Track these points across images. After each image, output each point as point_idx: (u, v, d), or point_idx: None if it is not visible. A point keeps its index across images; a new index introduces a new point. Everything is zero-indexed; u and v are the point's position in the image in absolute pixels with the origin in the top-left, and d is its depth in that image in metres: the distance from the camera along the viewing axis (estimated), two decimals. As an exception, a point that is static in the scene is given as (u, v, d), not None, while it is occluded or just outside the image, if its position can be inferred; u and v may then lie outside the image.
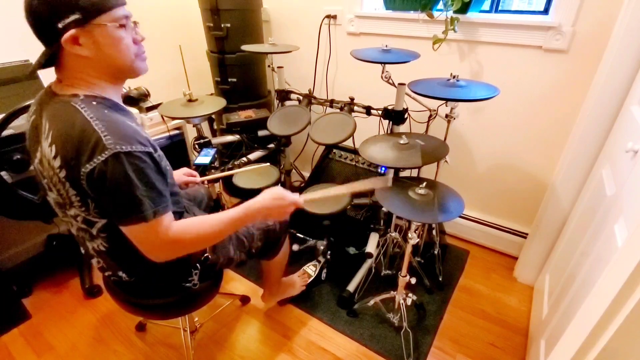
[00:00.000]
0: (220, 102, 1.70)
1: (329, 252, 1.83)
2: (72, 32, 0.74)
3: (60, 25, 0.73)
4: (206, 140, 1.75)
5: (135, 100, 1.79)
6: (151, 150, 0.81)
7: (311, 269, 1.79)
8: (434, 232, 1.82)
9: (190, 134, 2.08)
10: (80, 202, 0.81)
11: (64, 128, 0.76)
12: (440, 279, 1.77)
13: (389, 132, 1.67)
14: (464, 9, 1.59)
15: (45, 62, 0.79)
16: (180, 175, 1.34)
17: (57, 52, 0.78)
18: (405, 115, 1.61)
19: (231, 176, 1.77)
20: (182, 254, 0.93)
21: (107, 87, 0.85)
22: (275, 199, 1.00)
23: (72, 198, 0.81)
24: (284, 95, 1.90)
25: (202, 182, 1.41)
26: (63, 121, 0.77)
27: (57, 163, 0.78)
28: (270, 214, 1.00)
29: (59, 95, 0.81)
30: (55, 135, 0.77)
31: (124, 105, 0.88)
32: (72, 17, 0.73)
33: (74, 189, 0.79)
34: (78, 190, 0.79)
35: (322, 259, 1.81)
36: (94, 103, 0.79)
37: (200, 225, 0.91)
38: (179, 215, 1.00)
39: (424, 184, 1.23)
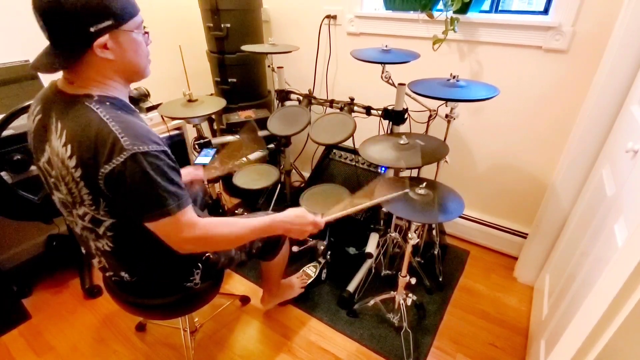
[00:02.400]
0: (220, 102, 1.70)
1: (328, 252, 1.83)
2: (105, 37, 0.76)
3: (92, 30, 0.74)
4: (206, 140, 1.75)
5: (135, 100, 1.79)
6: (165, 148, 0.82)
7: (311, 269, 1.79)
8: (434, 232, 1.82)
9: (190, 134, 2.08)
10: (92, 200, 0.82)
11: (79, 128, 0.77)
12: (440, 279, 1.77)
13: (389, 132, 1.67)
14: (463, 9, 1.59)
15: (64, 63, 0.79)
16: (185, 174, 1.35)
17: (80, 54, 0.78)
18: (405, 116, 1.61)
19: (231, 174, 1.77)
20: (205, 250, 0.97)
21: (120, 88, 0.86)
22: (297, 217, 1.06)
23: (84, 197, 0.82)
24: (284, 95, 1.90)
25: (207, 181, 1.43)
26: (78, 121, 0.77)
27: (72, 163, 0.78)
28: (291, 229, 1.05)
29: (70, 95, 0.81)
30: (70, 135, 0.77)
31: (132, 106, 0.89)
32: (106, 23, 0.75)
33: (88, 187, 0.80)
34: (92, 189, 0.80)
35: (322, 260, 1.81)
36: (108, 104, 0.80)
37: (228, 225, 0.95)
38: None
39: (424, 184, 1.23)
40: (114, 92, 0.85)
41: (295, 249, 1.83)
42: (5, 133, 1.37)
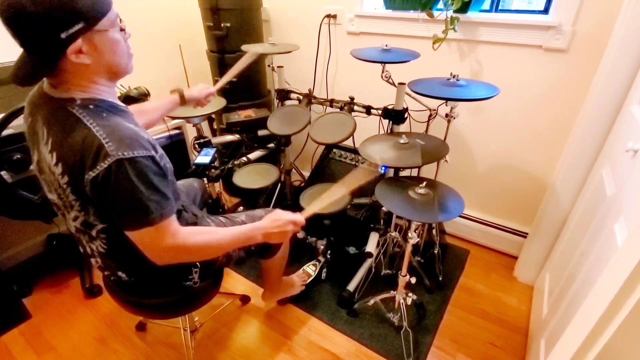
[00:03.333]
0: (220, 102, 1.70)
1: (328, 251, 1.83)
2: (78, 42, 0.71)
3: (63, 36, 0.69)
4: (206, 139, 1.75)
5: (135, 100, 1.78)
6: (152, 153, 0.80)
7: (311, 268, 1.79)
8: (434, 231, 1.82)
9: (190, 133, 2.08)
10: (81, 206, 0.82)
11: (63, 135, 0.75)
12: (440, 279, 1.77)
13: (389, 131, 1.66)
14: (464, 9, 1.59)
15: (39, 73, 0.76)
16: (199, 90, 1.36)
17: (55, 63, 0.74)
18: (405, 115, 1.61)
19: (231, 173, 1.77)
20: (184, 260, 0.93)
21: (103, 89, 0.83)
22: (273, 221, 1.03)
23: (73, 202, 0.82)
24: (284, 94, 1.90)
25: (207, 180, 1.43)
26: (62, 128, 0.76)
27: (58, 170, 0.77)
28: (270, 234, 1.02)
29: (54, 99, 0.79)
30: (55, 142, 0.77)
31: (121, 104, 0.86)
32: (77, 27, 0.70)
33: (75, 194, 0.79)
34: (78, 196, 0.79)
35: (322, 259, 1.81)
36: (92, 107, 0.78)
37: (206, 235, 0.93)
38: (178, 213, 1.00)
39: (424, 183, 1.23)
40: (99, 94, 0.81)
41: (300, 235, 1.80)
42: (5, 132, 1.37)
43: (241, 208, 2.23)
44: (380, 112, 1.62)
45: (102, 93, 0.83)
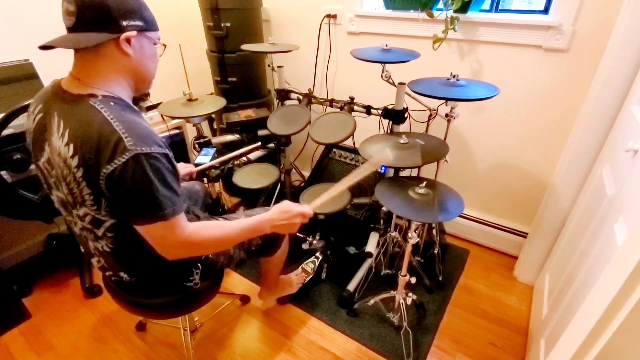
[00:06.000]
0: (220, 102, 1.70)
1: (327, 249, 1.83)
2: (133, 32, 0.82)
3: (124, 23, 0.80)
4: (206, 139, 1.75)
5: (135, 99, 1.79)
6: (167, 151, 0.82)
7: (309, 265, 1.79)
8: (434, 231, 1.82)
9: (190, 133, 2.08)
10: (93, 200, 0.82)
11: (82, 127, 0.76)
12: (440, 279, 1.77)
13: (389, 131, 1.66)
14: (464, 8, 1.59)
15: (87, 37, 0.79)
16: (181, 168, 1.36)
17: (106, 39, 0.79)
18: (405, 115, 1.61)
19: (231, 173, 1.77)
20: (194, 254, 0.96)
21: (126, 88, 0.88)
22: (282, 212, 1.04)
23: (86, 197, 0.82)
24: (284, 94, 1.90)
25: (199, 173, 1.45)
26: (81, 121, 0.77)
27: (74, 162, 0.78)
28: (278, 226, 1.03)
29: (73, 94, 0.81)
30: (73, 134, 0.77)
31: (136, 107, 0.89)
32: (137, 22, 0.82)
33: (90, 187, 0.80)
34: (93, 189, 0.80)
35: (319, 255, 1.81)
36: (112, 104, 0.80)
37: (215, 229, 0.95)
38: None
39: (424, 183, 1.23)
40: (119, 93, 0.85)
41: (305, 246, 1.80)
42: (5, 132, 1.37)
43: (241, 209, 2.23)
44: (380, 112, 1.62)
45: (123, 93, 0.86)
